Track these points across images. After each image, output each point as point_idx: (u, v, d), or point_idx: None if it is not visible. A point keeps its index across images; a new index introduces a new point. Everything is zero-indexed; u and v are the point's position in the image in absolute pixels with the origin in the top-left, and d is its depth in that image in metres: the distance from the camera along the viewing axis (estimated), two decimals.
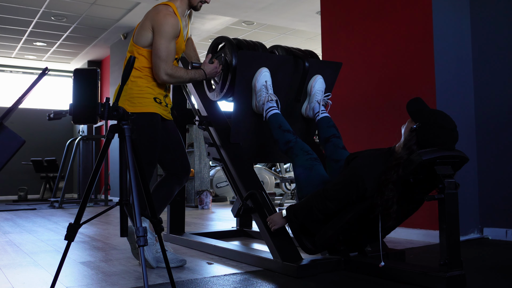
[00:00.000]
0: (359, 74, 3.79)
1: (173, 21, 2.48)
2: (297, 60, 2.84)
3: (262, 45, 2.94)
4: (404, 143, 2.04)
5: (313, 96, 2.84)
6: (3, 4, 6.62)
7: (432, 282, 1.92)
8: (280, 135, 2.57)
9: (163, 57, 2.46)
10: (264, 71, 2.71)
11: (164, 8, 2.51)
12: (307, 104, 2.91)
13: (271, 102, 2.66)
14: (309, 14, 7.14)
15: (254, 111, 2.81)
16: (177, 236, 3.27)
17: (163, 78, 2.50)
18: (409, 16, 3.44)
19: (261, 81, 2.70)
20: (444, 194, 1.89)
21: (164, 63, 2.47)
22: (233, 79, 2.74)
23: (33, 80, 1.67)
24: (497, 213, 3.31)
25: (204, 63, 2.70)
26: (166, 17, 2.46)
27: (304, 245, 2.36)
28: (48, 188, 9.64)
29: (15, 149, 1.60)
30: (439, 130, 1.97)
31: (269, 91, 2.68)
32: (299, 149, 2.49)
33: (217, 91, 2.89)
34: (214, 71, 2.70)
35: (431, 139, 1.97)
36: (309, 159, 2.45)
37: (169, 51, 2.48)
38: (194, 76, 2.63)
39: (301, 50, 2.99)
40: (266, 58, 2.75)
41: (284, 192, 7.50)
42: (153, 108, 2.52)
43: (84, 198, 1.77)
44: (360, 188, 2.05)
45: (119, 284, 2.12)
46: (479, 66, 3.47)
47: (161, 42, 2.46)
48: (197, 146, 7.00)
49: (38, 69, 10.46)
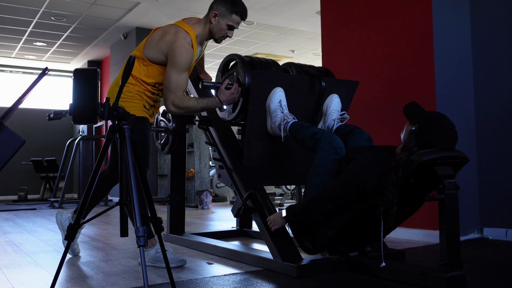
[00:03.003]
0: (359, 74, 3.79)
1: (187, 55, 2.44)
2: (312, 79, 2.74)
3: (275, 63, 2.83)
4: (404, 145, 2.04)
5: (329, 116, 2.72)
6: (3, 4, 6.62)
7: (432, 282, 1.92)
8: (304, 132, 2.44)
9: (172, 89, 2.45)
10: (278, 91, 2.61)
11: (182, 38, 2.45)
12: (321, 124, 2.78)
13: (288, 119, 2.55)
14: (309, 14, 7.14)
15: (268, 133, 2.69)
16: (177, 236, 3.27)
17: (170, 109, 2.50)
18: (409, 16, 3.44)
19: (276, 102, 2.60)
20: (444, 195, 1.89)
21: (172, 95, 2.46)
22: (246, 99, 2.65)
23: (33, 80, 1.67)
24: (497, 213, 3.31)
25: (220, 90, 2.60)
26: (181, 49, 2.43)
27: (304, 245, 2.36)
28: (48, 188, 9.64)
29: (15, 149, 1.60)
30: (439, 130, 1.97)
31: (284, 111, 2.58)
32: (327, 143, 2.32)
33: (228, 111, 2.81)
34: (231, 98, 2.57)
35: (431, 139, 1.97)
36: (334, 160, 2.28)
37: (179, 83, 2.46)
38: (207, 105, 2.54)
39: (316, 68, 2.90)
40: (281, 78, 2.65)
41: (284, 192, 7.50)
42: (142, 112, 2.55)
43: (84, 198, 1.77)
44: (361, 189, 2.05)
45: (119, 284, 2.12)
46: (479, 66, 3.47)
47: (172, 73, 2.44)
48: (197, 146, 7.00)
49: (38, 69, 10.46)
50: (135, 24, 7.74)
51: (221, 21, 2.54)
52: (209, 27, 2.56)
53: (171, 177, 3.35)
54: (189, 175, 6.99)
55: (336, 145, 2.31)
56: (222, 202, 7.83)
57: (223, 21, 2.54)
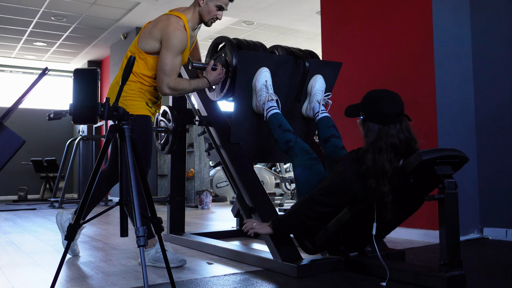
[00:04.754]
0: (359, 74, 3.79)
1: (182, 36, 2.47)
2: (297, 60, 2.83)
3: (262, 45, 2.94)
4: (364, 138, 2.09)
5: (313, 96, 2.84)
6: (3, 4, 6.62)
7: (432, 282, 1.92)
8: (280, 135, 2.56)
9: (167, 72, 2.48)
10: (264, 71, 2.71)
11: (175, 22, 2.50)
12: (307, 104, 2.91)
13: (272, 101, 2.66)
14: (309, 14, 7.14)
15: (254, 111, 2.80)
16: (177, 236, 3.27)
17: (165, 91, 2.52)
18: (409, 16, 3.44)
19: (262, 81, 2.69)
20: (444, 194, 1.89)
21: (167, 77, 2.49)
22: (233, 79, 2.74)
23: (33, 80, 1.67)
24: (497, 213, 3.31)
25: (207, 71, 2.68)
26: (175, 31, 2.46)
27: (304, 245, 2.36)
28: (48, 188, 9.64)
29: (15, 149, 1.60)
30: (380, 102, 2.03)
31: (269, 90, 2.68)
32: (299, 149, 2.48)
33: (217, 91, 2.89)
34: (218, 78, 2.68)
35: (380, 111, 2.02)
36: (309, 158, 2.44)
37: (174, 66, 2.49)
38: (198, 86, 2.63)
39: (301, 50, 2.98)
40: (266, 58, 2.74)
41: (284, 192, 7.50)
42: (145, 111, 2.56)
43: (84, 198, 1.77)
44: (349, 191, 2.05)
45: (119, 284, 2.12)
46: (479, 66, 3.47)
47: (167, 56, 2.47)
48: (197, 146, 7.00)
49: (38, 69, 10.46)
50: (135, 24, 7.74)
51: (209, 3, 2.57)
52: (199, 11, 2.60)
53: (171, 177, 3.35)
54: (189, 175, 6.99)
55: (307, 149, 2.49)
56: (222, 202, 7.83)
57: (211, 2, 2.57)
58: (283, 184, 7.53)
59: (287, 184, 7.50)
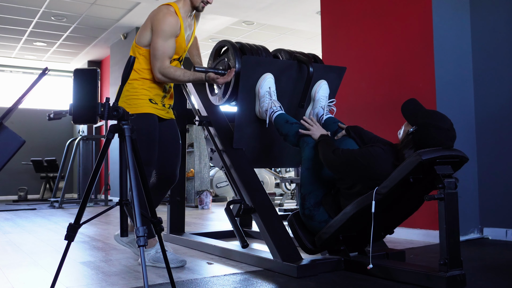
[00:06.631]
0: (359, 74, 3.79)
1: (171, 20, 2.48)
2: (301, 65, 2.79)
3: (265, 49, 2.88)
4: (401, 147, 2.05)
5: (317, 102, 2.78)
6: (3, 4, 6.62)
7: (432, 282, 1.92)
8: (288, 128, 2.51)
9: (158, 56, 2.49)
10: (268, 77, 2.67)
11: (164, 8, 2.53)
12: (310, 110, 2.84)
13: (275, 107, 2.63)
14: (309, 14, 7.14)
15: (257, 117, 2.77)
16: (177, 236, 3.27)
17: (157, 76, 2.53)
18: (409, 16, 3.44)
19: (265, 87, 2.66)
20: (444, 194, 1.89)
21: (159, 62, 2.49)
22: (236, 84, 2.71)
23: (33, 80, 1.67)
24: (497, 213, 3.31)
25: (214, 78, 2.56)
26: (165, 16, 2.48)
27: (304, 245, 2.36)
28: (48, 188, 9.65)
29: (15, 149, 1.60)
30: (435, 131, 1.98)
31: (272, 97, 2.64)
32: (310, 139, 2.41)
33: (219, 95, 2.86)
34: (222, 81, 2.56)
35: (428, 141, 1.98)
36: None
37: (165, 50, 2.49)
38: (194, 78, 2.58)
39: (305, 54, 2.94)
40: (270, 63, 2.70)
41: (284, 192, 7.50)
42: (148, 108, 2.54)
43: (84, 198, 1.77)
44: (371, 170, 2.05)
45: (119, 284, 2.12)
46: (479, 66, 3.47)
47: (157, 41, 2.48)
48: (197, 146, 7.00)
49: (38, 69, 10.46)
50: (135, 24, 7.74)
51: None
52: None
53: None
54: (189, 175, 6.99)
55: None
56: (222, 202, 7.83)
57: None
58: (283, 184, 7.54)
59: (287, 184, 7.51)
